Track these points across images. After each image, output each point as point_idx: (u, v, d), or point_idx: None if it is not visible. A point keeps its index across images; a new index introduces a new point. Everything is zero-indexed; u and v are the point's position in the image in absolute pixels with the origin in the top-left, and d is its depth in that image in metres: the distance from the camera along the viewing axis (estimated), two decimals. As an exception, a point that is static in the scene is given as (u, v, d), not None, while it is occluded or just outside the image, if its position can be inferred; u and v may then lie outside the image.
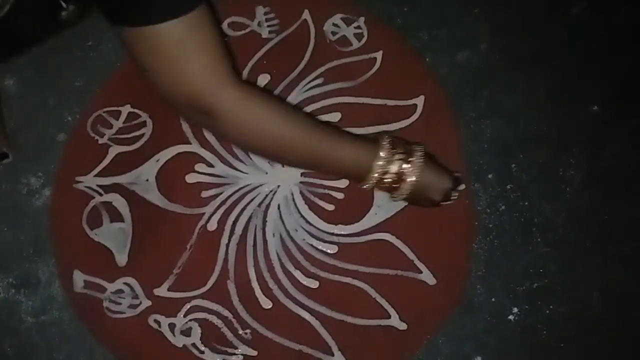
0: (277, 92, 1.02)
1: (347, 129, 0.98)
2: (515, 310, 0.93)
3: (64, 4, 0.73)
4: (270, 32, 1.05)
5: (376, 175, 0.79)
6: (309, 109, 1.01)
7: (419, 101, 1.02)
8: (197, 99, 0.67)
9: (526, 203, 0.97)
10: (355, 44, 1.04)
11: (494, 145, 1.00)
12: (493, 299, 0.93)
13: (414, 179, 0.80)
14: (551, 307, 0.93)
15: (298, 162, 0.80)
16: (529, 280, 0.94)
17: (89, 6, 0.71)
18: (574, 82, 1.02)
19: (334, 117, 1.00)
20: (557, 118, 1.01)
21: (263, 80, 1.02)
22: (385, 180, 0.80)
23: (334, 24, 1.05)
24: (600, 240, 0.96)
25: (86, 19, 0.84)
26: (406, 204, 0.95)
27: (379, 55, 1.04)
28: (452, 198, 0.87)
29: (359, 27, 1.05)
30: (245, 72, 1.03)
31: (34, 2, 0.66)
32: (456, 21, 1.06)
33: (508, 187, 0.98)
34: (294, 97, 1.01)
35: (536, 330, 0.93)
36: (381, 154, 0.78)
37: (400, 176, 0.80)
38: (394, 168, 0.79)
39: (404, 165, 0.79)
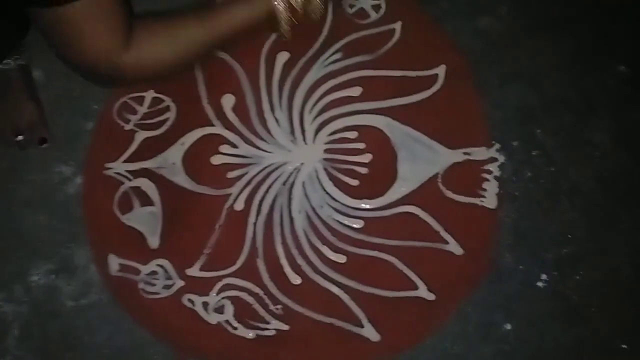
0: (296, 68, 1.02)
1: (369, 103, 0.99)
2: (544, 277, 0.93)
3: None
4: (287, 8, 1.04)
5: (282, 5, 0.82)
6: (329, 84, 1.01)
7: (440, 71, 1.01)
8: (97, 69, 0.74)
9: (552, 169, 0.96)
10: (374, 16, 1.03)
11: (519, 111, 0.98)
12: (521, 267, 0.93)
13: None
14: (581, 272, 0.93)
15: (209, 54, 0.92)
16: (557, 247, 0.94)
17: None
18: (598, 42, 1.00)
19: (355, 91, 1.00)
20: (583, 80, 0.99)
21: (282, 57, 1.02)
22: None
23: (351, -3, 1.04)
24: (629, 205, 0.94)
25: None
26: (432, 174, 0.96)
27: (397, 26, 1.03)
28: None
29: (376, -1, 1.04)
30: (264, 50, 1.04)
31: None
32: (475, -14, 1.04)
33: (533, 153, 0.97)
34: (313, 74, 1.01)
35: (566, 297, 0.92)
36: None
37: None
38: None
39: None
